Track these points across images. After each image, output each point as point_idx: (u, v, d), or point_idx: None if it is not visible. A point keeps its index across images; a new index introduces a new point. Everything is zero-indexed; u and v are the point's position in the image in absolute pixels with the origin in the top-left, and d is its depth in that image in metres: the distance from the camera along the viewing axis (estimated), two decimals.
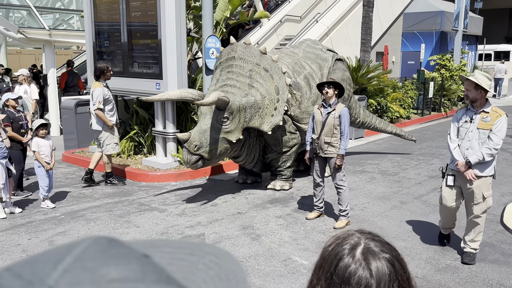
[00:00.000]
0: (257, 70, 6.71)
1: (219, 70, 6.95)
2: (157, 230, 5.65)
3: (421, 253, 4.98)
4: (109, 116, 7.39)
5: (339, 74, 8.06)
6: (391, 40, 19.22)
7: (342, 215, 5.82)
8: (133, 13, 8.35)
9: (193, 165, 6.43)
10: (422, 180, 7.92)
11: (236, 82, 6.66)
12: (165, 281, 0.43)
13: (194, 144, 6.27)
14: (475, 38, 27.59)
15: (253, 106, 6.55)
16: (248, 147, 6.98)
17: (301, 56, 7.76)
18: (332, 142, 5.70)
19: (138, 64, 8.49)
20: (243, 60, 6.75)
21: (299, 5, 17.12)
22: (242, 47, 6.84)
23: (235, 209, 6.47)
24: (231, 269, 0.53)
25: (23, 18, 12.29)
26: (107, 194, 7.17)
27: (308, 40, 8.53)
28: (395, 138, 11.46)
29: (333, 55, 8.13)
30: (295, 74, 7.31)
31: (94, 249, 0.43)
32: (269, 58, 6.82)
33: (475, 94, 4.50)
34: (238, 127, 6.51)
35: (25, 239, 5.37)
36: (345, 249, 1.03)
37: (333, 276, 1.00)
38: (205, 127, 6.40)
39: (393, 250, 1.04)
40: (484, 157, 4.49)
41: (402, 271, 1.01)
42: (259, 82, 6.68)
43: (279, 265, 4.70)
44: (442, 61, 18.18)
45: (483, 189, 4.59)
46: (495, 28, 39.00)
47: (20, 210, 6.22)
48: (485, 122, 4.53)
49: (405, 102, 14.61)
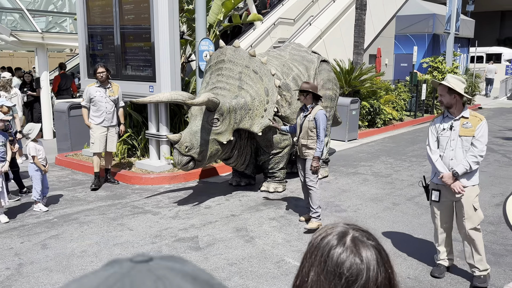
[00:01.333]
0: (246, 72, 6.77)
1: (209, 74, 7.02)
2: (151, 233, 5.64)
3: (413, 253, 5.02)
4: (95, 116, 7.48)
5: (325, 75, 8.12)
6: (384, 43, 19.33)
7: (313, 217, 5.80)
8: (126, 16, 8.36)
9: (184, 166, 6.46)
10: (415, 182, 7.96)
11: (226, 84, 6.73)
12: None
13: (185, 145, 6.31)
14: (467, 40, 27.80)
15: (243, 108, 6.60)
16: (239, 148, 7.01)
17: (288, 58, 7.83)
18: (308, 144, 5.75)
19: (132, 67, 8.49)
20: (233, 62, 6.81)
21: (292, 8, 17.17)
22: (231, 50, 6.91)
23: (228, 211, 6.48)
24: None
25: (15, 21, 12.24)
26: (100, 197, 7.15)
27: (292, 43, 8.62)
28: (388, 140, 11.53)
29: (318, 56, 8.20)
30: (284, 75, 7.37)
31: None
32: (258, 60, 6.88)
33: (449, 99, 4.25)
34: (228, 128, 6.55)
35: (17, 243, 5.35)
36: (335, 238, 1.09)
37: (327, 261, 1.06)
38: (195, 128, 6.45)
39: (376, 239, 1.11)
40: (471, 165, 4.20)
41: (386, 258, 1.07)
42: (249, 84, 6.74)
43: (272, 267, 4.71)
44: (435, 63, 18.30)
45: (472, 200, 4.29)
46: (487, 31, 39.33)
47: (7, 220, 6.04)
48: (467, 129, 4.23)
49: (398, 104, 14.70)
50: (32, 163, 6.49)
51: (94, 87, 7.53)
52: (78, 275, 4.44)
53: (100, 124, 7.51)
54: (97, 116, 7.50)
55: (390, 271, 1.06)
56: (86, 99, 7.55)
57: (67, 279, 4.45)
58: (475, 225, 4.28)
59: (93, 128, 7.50)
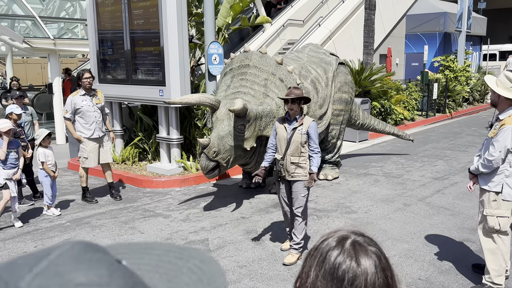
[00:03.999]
0: (272, 80, 6.69)
1: (229, 76, 6.91)
2: (162, 236, 5.68)
3: (424, 255, 4.98)
4: (84, 128, 6.93)
5: (342, 78, 8.11)
6: (394, 42, 19.22)
7: (293, 248, 4.93)
8: (135, 21, 8.44)
9: (209, 171, 6.28)
10: (426, 182, 7.90)
11: (250, 90, 6.62)
12: (131, 286, 0.46)
13: (213, 150, 6.18)
14: (479, 38, 27.50)
15: (269, 115, 6.51)
16: (258, 154, 6.97)
17: (306, 60, 7.81)
18: (300, 162, 4.83)
19: (142, 71, 8.56)
20: (258, 68, 6.73)
21: (301, 9, 17.16)
22: (258, 55, 6.83)
23: (238, 213, 6.50)
24: (213, 274, 0.56)
25: (28, 28, 12.42)
26: (112, 201, 7.22)
27: (310, 44, 8.58)
28: (399, 140, 11.45)
29: (336, 59, 8.19)
30: (302, 78, 7.34)
31: (70, 254, 0.46)
32: (285, 69, 6.84)
33: (493, 97, 4.16)
34: (253, 135, 6.46)
35: (31, 247, 5.43)
36: (335, 241, 1.09)
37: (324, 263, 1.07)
38: (223, 133, 6.30)
39: (379, 246, 1.10)
40: (478, 166, 4.16)
41: (387, 265, 1.07)
42: (274, 91, 6.65)
43: (282, 269, 4.72)
44: (446, 62, 18.15)
45: (484, 205, 4.18)
46: (499, 28, 38.84)
47: (21, 225, 6.14)
48: (493, 130, 4.13)
49: (409, 104, 14.60)
50: (41, 169, 6.57)
51: (79, 96, 6.91)
52: None
53: (91, 137, 6.95)
54: (86, 128, 6.92)
55: (390, 277, 1.06)
56: (71, 110, 6.88)
57: None
58: (485, 233, 4.22)
59: (84, 142, 6.95)
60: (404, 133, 10.05)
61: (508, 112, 4.07)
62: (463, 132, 13.13)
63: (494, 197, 4.15)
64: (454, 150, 10.67)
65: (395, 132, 9.90)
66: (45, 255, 0.45)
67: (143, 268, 0.53)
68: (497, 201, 4.14)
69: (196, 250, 0.59)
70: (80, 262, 0.45)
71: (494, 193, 4.15)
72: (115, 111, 9.42)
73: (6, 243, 5.56)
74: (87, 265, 0.44)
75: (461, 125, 14.60)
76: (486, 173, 4.16)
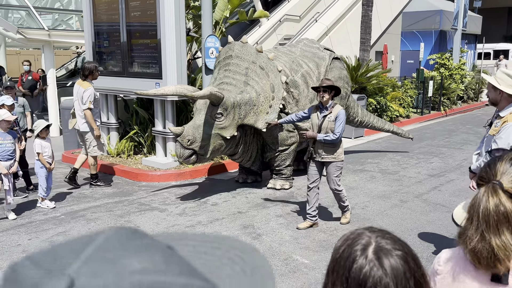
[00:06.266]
0: (253, 68, 6.77)
1: (217, 69, 7.04)
2: (158, 230, 5.63)
3: (422, 251, 4.98)
4: (96, 117, 7.35)
5: (336, 73, 8.07)
6: (390, 39, 19.22)
7: (344, 212, 5.85)
8: (132, 13, 8.34)
9: (186, 160, 6.49)
10: (422, 179, 7.91)
11: (232, 79, 6.73)
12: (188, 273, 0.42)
13: (187, 138, 6.33)
14: (474, 37, 27.60)
15: (248, 103, 6.58)
16: (244, 144, 7.00)
17: (298, 54, 7.78)
18: (329, 146, 5.46)
19: (138, 64, 8.48)
20: (240, 58, 6.81)
21: (298, 5, 17.11)
22: (239, 45, 6.90)
23: (235, 208, 6.46)
24: (257, 264, 0.52)
25: (22, 18, 12.26)
26: (107, 194, 7.16)
27: (305, 39, 8.54)
28: (394, 137, 11.46)
29: (330, 53, 8.14)
30: (293, 72, 7.32)
31: (116, 240, 0.42)
32: (265, 56, 6.86)
33: (494, 95, 4.09)
34: (232, 123, 6.55)
35: (25, 239, 5.36)
36: (357, 250, 1.00)
37: (348, 279, 0.98)
38: (199, 122, 6.46)
39: (405, 246, 1.02)
40: (481, 165, 4.02)
41: (416, 267, 0.99)
42: (255, 79, 6.72)
43: (280, 264, 4.69)
44: (442, 60, 18.18)
45: None
46: (494, 27, 39.01)
47: (14, 217, 6.08)
48: (495, 127, 4.05)
49: (404, 101, 14.62)
50: (37, 160, 6.50)
51: (93, 88, 7.33)
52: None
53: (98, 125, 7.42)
54: (97, 116, 7.43)
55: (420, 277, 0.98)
56: (93, 101, 7.22)
57: None
58: None
59: (96, 130, 7.29)
60: (403, 131, 10.00)
61: (509, 109, 4.03)
62: (458, 130, 13.17)
63: None
64: (449, 147, 10.69)
65: (394, 130, 9.84)
66: (89, 241, 0.41)
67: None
68: None
69: (236, 240, 0.55)
70: (130, 248, 0.41)
71: None
72: (111, 103, 9.32)
73: (0, 236, 5.48)
74: (138, 251, 0.40)
75: (455, 123, 14.64)
76: None
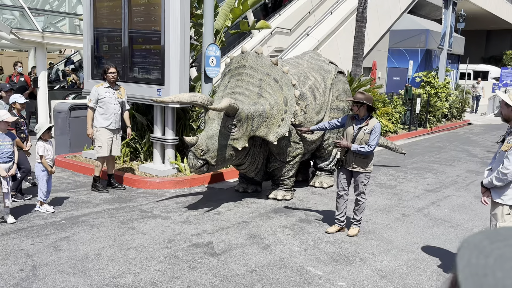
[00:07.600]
0: (267, 80, 6.69)
1: (227, 77, 6.91)
2: (164, 238, 5.54)
3: (432, 265, 5.02)
4: (102, 118, 7.27)
5: (340, 86, 8.16)
6: (378, 56, 19.56)
7: (355, 224, 5.93)
8: (135, 18, 8.27)
9: (198, 170, 6.38)
10: (420, 194, 8.01)
11: (245, 90, 6.63)
12: None
13: (201, 148, 6.22)
14: (457, 57, 28.32)
15: (261, 115, 6.52)
16: (252, 155, 6.94)
17: (306, 66, 7.82)
18: (361, 157, 5.63)
19: (139, 69, 8.39)
20: (254, 69, 6.72)
21: (289, 18, 17.29)
22: (254, 56, 6.83)
23: (239, 217, 6.41)
24: None
25: (15, 19, 12.03)
26: (106, 200, 7.02)
27: (310, 51, 8.60)
28: (386, 151, 11.60)
29: (335, 67, 8.22)
30: (301, 84, 7.34)
31: None
32: (280, 69, 6.82)
33: (506, 111, 4.17)
34: (244, 135, 6.47)
35: (27, 244, 5.19)
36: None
37: None
38: (212, 132, 6.35)
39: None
40: (492, 180, 4.16)
41: None
42: (269, 92, 6.65)
43: (293, 275, 4.66)
44: (428, 78, 18.57)
45: (497, 218, 4.23)
46: (473, 49, 40.09)
47: (13, 221, 5.89)
48: (507, 143, 4.12)
49: (393, 116, 14.84)
50: (39, 163, 6.35)
51: (103, 88, 7.35)
52: (96, 278, 4.33)
53: (107, 127, 7.29)
54: (104, 118, 7.29)
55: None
56: (94, 100, 7.31)
57: (85, 282, 4.32)
58: None
59: (100, 131, 7.27)
60: (396, 146, 10.10)
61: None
62: (446, 147, 13.41)
63: (508, 211, 4.20)
64: (440, 164, 10.87)
65: (388, 145, 9.92)
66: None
67: None
68: (511, 214, 4.18)
69: None
70: None
71: (508, 206, 4.18)
72: None
73: (1, 240, 5.31)
74: None
75: (442, 140, 14.92)
76: (500, 186, 4.21)
